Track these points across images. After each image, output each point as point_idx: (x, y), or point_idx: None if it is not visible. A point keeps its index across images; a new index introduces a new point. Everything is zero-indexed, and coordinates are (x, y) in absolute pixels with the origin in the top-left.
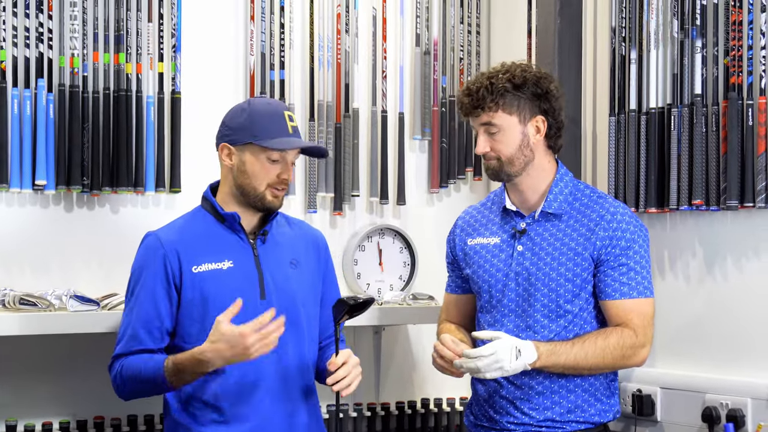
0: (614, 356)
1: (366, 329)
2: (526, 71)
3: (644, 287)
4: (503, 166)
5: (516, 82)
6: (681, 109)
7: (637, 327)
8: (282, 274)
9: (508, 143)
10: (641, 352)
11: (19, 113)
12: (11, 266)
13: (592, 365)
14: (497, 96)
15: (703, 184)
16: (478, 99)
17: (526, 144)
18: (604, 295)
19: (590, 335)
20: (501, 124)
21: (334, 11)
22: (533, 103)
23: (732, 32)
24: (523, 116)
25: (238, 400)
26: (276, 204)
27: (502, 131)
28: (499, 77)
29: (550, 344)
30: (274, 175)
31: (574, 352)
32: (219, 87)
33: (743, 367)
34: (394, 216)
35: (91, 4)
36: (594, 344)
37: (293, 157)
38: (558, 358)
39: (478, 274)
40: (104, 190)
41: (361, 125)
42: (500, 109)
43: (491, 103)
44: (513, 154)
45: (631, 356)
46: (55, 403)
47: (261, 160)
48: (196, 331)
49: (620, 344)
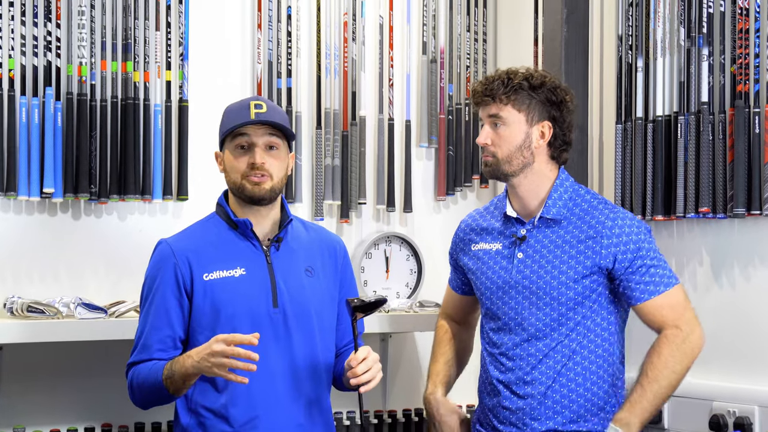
0: (678, 362)
1: (373, 336)
2: (546, 77)
3: (667, 278)
4: (500, 164)
5: (533, 82)
6: (688, 117)
7: (676, 319)
8: (296, 281)
9: (510, 140)
10: (694, 340)
11: (28, 121)
12: (19, 274)
13: (670, 384)
14: (511, 90)
15: (710, 191)
16: (491, 89)
17: (527, 146)
18: (633, 300)
19: (646, 363)
20: (507, 118)
21: (341, 19)
22: (544, 107)
23: (739, 40)
24: (532, 117)
25: (248, 409)
26: (257, 191)
27: (507, 126)
28: (518, 74)
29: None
30: (244, 162)
31: (648, 391)
32: (226, 95)
33: (751, 374)
34: (400, 223)
35: (99, 12)
36: (655, 369)
37: (262, 140)
38: (644, 411)
39: (480, 280)
40: (112, 198)
41: (367, 133)
42: (510, 103)
43: (503, 95)
44: (511, 153)
45: (688, 350)
46: (63, 410)
47: (231, 152)
48: (204, 340)
49: (673, 350)
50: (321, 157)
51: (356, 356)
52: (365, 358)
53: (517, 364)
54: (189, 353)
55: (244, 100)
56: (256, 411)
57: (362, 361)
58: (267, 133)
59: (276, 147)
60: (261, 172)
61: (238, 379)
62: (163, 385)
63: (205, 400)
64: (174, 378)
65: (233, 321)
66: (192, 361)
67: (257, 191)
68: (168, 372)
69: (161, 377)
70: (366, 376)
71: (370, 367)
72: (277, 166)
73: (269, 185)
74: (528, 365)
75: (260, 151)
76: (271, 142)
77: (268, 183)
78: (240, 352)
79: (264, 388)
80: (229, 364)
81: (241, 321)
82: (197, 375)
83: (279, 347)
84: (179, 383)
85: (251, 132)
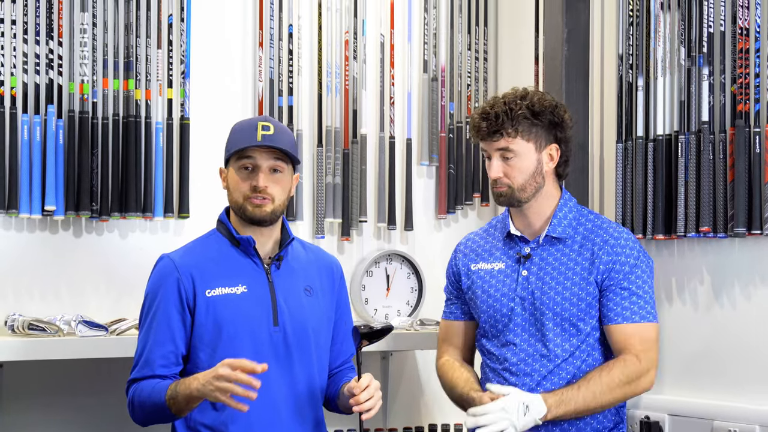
0: (622, 389)
1: (373, 354)
2: (543, 99)
3: (647, 312)
4: (514, 193)
5: (535, 109)
6: (688, 136)
7: (639, 352)
8: (296, 300)
9: (523, 170)
10: (646, 378)
11: (29, 139)
12: (20, 291)
13: (602, 403)
14: (516, 122)
15: (711, 211)
16: (497, 124)
17: (539, 171)
18: (606, 320)
19: (593, 373)
20: (518, 150)
21: (342, 38)
22: (549, 131)
23: (739, 60)
24: (539, 143)
25: (246, 428)
26: (258, 214)
27: (518, 157)
28: (517, 103)
29: (557, 393)
30: (248, 185)
31: (582, 395)
32: (228, 113)
33: (751, 393)
34: (401, 241)
35: (101, 30)
36: (599, 381)
37: (267, 164)
38: (568, 407)
39: (482, 299)
40: (113, 216)
41: (368, 151)
42: (519, 135)
43: (510, 129)
44: (526, 181)
45: (637, 384)
46: (64, 428)
47: (236, 172)
48: (206, 357)
49: (625, 374)
50: (322, 175)
51: (359, 384)
52: (368, 386)
53: (521, 380)
54: (196, 376)
55: (253, 120)
56: (254, 429)
57: (365, 388)
58: (272, 156)
59: (280, 170)
60: (263, 195)
61: (237, 406)
62: (165, 405)
63: (205, 417)
64: (177, 399)
65: (234, 338)
66: (197, 383)
67: (258, 213)
68: (172, 392)
69: (164, 397)
70: (368, 404)
71: (372, 395)
72: (279, 190)
73: (270, 208)
74: (533, 381)
75: (264, 176)
76: (275, 165)
77: (269, 206)
78: (242, 379)
79: (263, 406)
80: (231, 389)
81: (242, 338)
82: (201, 399)
83: (278, 365)
84: (182, 404)
85: (256, 155)
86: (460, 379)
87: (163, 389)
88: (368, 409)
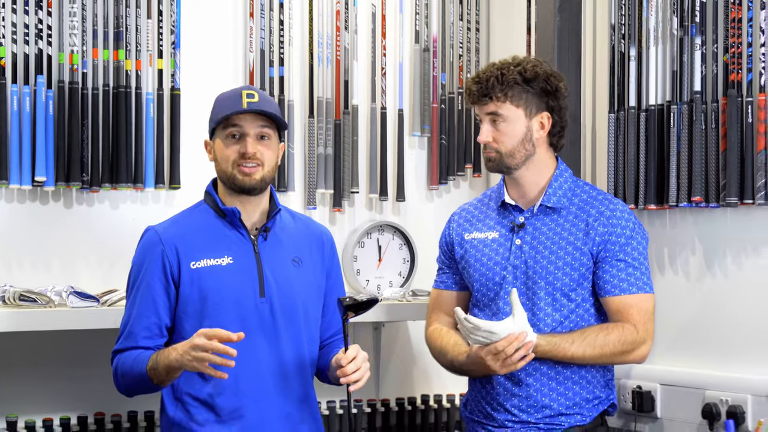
0: (614, 351)
1: (366, 325)
2: (537, 66)
3: (644, 283)
4: (503, 158)
5: (527, 75)
6: (680, 107)
7: (638, 323)
8: (283, 271)
9: (512, 135)
10: (642, 348)
11: (19, 110)
12: (11, 262)
13: (590, 362)
14: (506, 87)
15: (703, 181)
16: (487, 88)
17: (529, 138)
18: (603, 292)
19: (591, 329)
20: (507, 114)
21: (334, 8)
22: (541, 99)
23: (731, 29)
24: (530, 110)
25: (234, 399)
26: (248, 182)
27: (507, 122)
28: (510, 69)
29: (550, 339)
30: (236, 151)
31: (573, 350)
32: (218, 84)
33: (743, 363)
34: (393, 212)
35: (90, 0)
36: (594, 339)
37: (254, 130)
38: (555, 353)
39: (474, 267)
40: (104, 187)
41: (360, 122)
42: (508, 100)
43: (500, 93)
44: (514, 147)
45: (631, 352)
46: (56, 399)
47: (222, 141)
48: (191, 328)
49: (621, 340)
50: (313, 146)
51: (346, 355)
52: (355, 357)
53: None
54: (174, 346)
55: (236, 89)
56: (242, 400)
57: (352, 360)
58: (259, 123)
59: (267, 137)
60: (253, 161)
61: (217, 374)
62: (147, 376)
63: (191, 388)
64: (158, 370)
65: (220, 309)
66: (176, 354)
67: (248, 181)
68: (153, 363)
69: (146, 368)
70: (355, 375)
71: (360, 366)
72: (268, 155)
73: (260, 175)
74: None
75: (252, 141)
76: (263, 132)
77: (259, 173)
78: (218, 348)
79: (250, 378)
80: (208, 358)
81: (228, 310)
82: (180, 369)
83: (265, 337)
84: (163, 375)
85: (243, 122)
86: (448, 344)
87: (144, 360)
88: (356, 381)
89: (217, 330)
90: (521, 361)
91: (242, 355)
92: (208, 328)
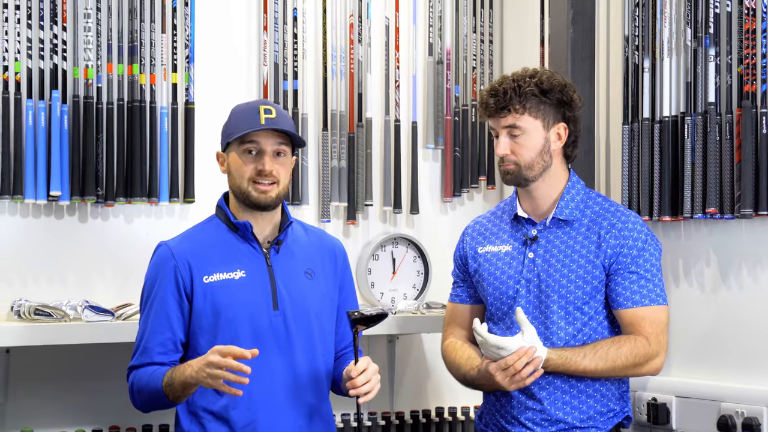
0: (626, 364)
1: (380, 338)
2: (552, 78)
3: (657, 295)
4: (521, 171)
5: (543, 87)
6: (695, 118)
7: (650, 335)
8: (296, 284)
9: (530, 147)
10: (655, 360)
11: (34, 124)
12: (26, 277)
13: (602, 376)
14: (524, 99)
15: (717, 192)
16: (504, 100)
17: (547, 150)
18: (616, 305)
19: (603, 343)
20: (526, 127)
21: (347, 21)
22: (557, 110)
23: (745, 40)
24: (547, 122)
25: (248, 413)
26: (263, 199)
27: (526, 134)
28: (526, 80)
29: (561, 353)
30: (252, 168)
31: (584, 364)
32: (232, 97)
33: (759, 375)
34: (407, 225)
35: (105, 15)
36: (606, 352)
37: (271, 147)
38: (567, 368)
39: (488, 281)
40: (118, 201)
41: (374, 134)
42: (526, 112)
43: (518, 105)
44: (533, 159)
45: (644, 364)
46: (71, 413)
47: (239, 156)
48: (206, 343)
49: (632, 353)
50: (327, 158)
51: (356, 367)
52: (365, 370)
53: None
54: (189, 363)
55: (253, 104)
56: (256, 414)
57: (362, 372)
58: (276, 140)
59: (283, 153)
60: (269, 179)
61: (231, 391)
62: (163, 392)
63: (206, 402)
64: (174, 386)
65: (234, 324)
66: (191, 370)
67: (263, 198)
68: (168, 379)
69: (161, 384)
70: (365, 388)
71: (370, 378)
72: (284, 173)
73: (275, 193)
74: None
75: (269, 159)
76: (279, 149)
77: (275, 191)
78: (232, 365)
79: (264, 391)
80: (223, 375)
81: (242, 324)
82: (196, 385)
83: (279, 349)
84: (178, 391)
85: (261, 138)
86: (462, 358)
87: (160, 376)
88: (365, 393)
89: (232, 347)
90: (530, 377)
91: (256, 368)
92: (223, 345)
